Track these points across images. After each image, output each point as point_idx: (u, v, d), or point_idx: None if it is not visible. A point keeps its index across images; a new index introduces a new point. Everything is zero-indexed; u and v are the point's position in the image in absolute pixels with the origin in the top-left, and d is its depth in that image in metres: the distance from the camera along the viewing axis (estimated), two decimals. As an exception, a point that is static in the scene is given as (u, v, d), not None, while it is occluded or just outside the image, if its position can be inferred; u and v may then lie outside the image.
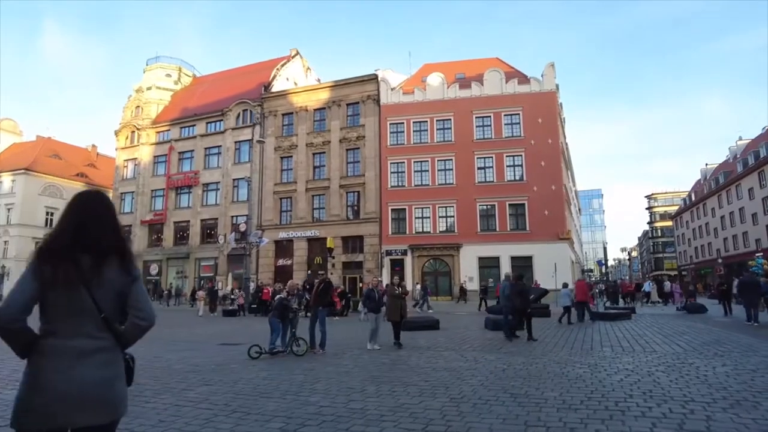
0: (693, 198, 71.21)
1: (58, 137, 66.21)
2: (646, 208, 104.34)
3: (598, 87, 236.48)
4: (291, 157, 38.71)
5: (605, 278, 42.52)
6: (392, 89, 36.75)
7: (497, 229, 33.39)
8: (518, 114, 34.58)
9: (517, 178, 33.81)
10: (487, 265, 33.35)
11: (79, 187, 56.09)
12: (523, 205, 33.37)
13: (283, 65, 44.99)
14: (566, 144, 45.45)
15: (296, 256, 36.86)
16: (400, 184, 35.41)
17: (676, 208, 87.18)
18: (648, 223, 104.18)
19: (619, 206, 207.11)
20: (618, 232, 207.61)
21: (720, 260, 54.81)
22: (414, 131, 35.85)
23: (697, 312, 19.22)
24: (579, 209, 79.33)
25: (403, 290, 9.67)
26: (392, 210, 35.15)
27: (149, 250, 43.75)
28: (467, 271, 33.27)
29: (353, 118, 37.56)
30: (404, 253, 34.34)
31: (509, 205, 33.54)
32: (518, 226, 33.32)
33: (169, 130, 45.36)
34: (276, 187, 38.63)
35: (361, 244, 35.50)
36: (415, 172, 35.32)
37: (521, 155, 33.94)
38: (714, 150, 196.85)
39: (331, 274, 34.22)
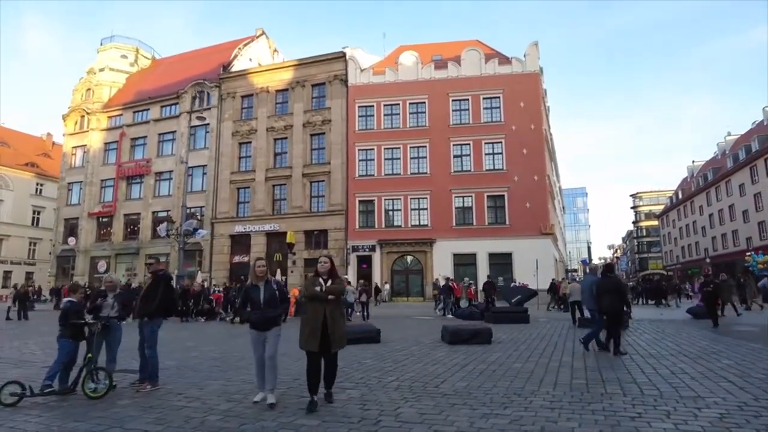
0: (680, 196, 69.12)
1: (11, 124, 61.78)
2: (631, 207, 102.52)
3: (581, 88, 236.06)
4: (250, 143, 35.20)
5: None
6: (362, 70, 33.44)
7: (474, 223, 30.32)
8: (498, 97, 31.55)
9: (497, 167, 30.78)
10: (463, 262, 30.27)
11: (28, 177, 52.06)
12: (503, 196, 30.34)
13: (246, 45, 41.43)
14: (550, 134, 42.60)
15: (254, 252, 33.32)
16: (368, 173, 32.13)
17: (661, 207, 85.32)
18: (633, 222, 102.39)
19: (604, 206, 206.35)
20: (602, 232, 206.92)
21: (708, 260, 52.50)
22: (385, 115, 32.59)
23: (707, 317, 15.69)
24: (563, 207, 76.92)
25: (334, 289, 4.79)
26: (360, 201, 31.86)
27: (97, 245, 39.88)
28: (441, 268, 29.96)
29: (319, 100, 34.19)
30: (372, 249, 31.09)
31: (488, 196, 30.50)
32: (497, 220, 30.29)
33: (121, 114, 41.52)
34: (233, 176, 35.09)
35: (325, 239, 32.15)
36: (385, 159, 32.07)
37: (501, 142, 30.92)
38: (696, 153, 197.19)
39: (291, 272, 30.97)
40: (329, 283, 4.89)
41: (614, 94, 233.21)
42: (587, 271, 9.81)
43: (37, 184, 52.98)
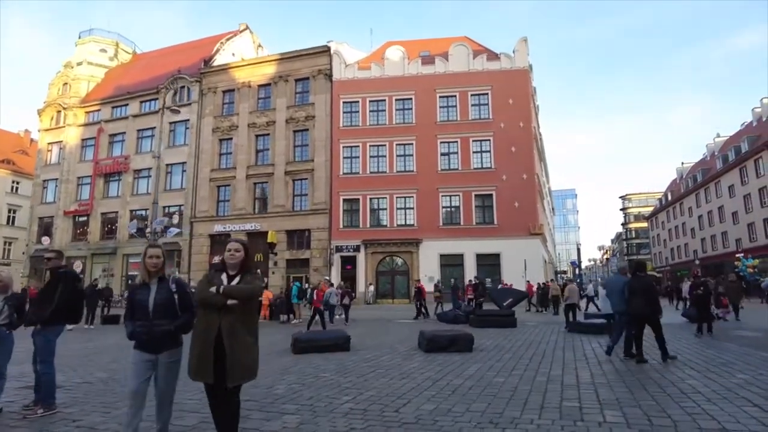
0: (669, 198, 68.83)
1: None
2: (621, 209, 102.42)
3: (569, 91, 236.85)
4: (231, 139, 34.01)
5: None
6: (346, 65, 32.41)
7: (462, 223, 29.41)
8: (487, 94, 30.70)
9: (485, 165, 29.90)
10: (450, 263, 29.34)
11: (3, 175, 50.34)
12: (491, 195, 29.47)
13: (228, 39, 40.21)
14: (540, 133, 41.87)
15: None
16: (353, 170, 31.10)
17: (650, 209, 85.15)
18: (622, 224, 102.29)
19: (594, 208, 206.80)
20: (591, 233, 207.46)
21: (697, 261, 52.11)
22: (370, 111, 31.59)
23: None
24: (552, 208, 76.42)
25: (238, 291, 3.26)
26: (344, 200, 30.82)
27: (73, 245, 38.36)
28: (427, 269, 29.15)
29: (302, 95, 33.11)
30: (356, 249, 30.05)
31: (475, 195, 29.62)
32: (485, 220, 29.40)
33: (99, 110, 40.15)
34: (213, 174, 33.88)
35: (308, 239, 31.05)
36: (370, 157, 31.06)
37: (489, 140, 30.05)
38: (685, 155, 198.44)
39: (273, 273, 29.85)
40: (236, 281, 3.35)
41: (603, 96, 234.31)
42: (615, 271, 8.57)
43: (13, 182, 51.28)
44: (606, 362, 7.52)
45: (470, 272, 27.35)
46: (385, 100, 31.37)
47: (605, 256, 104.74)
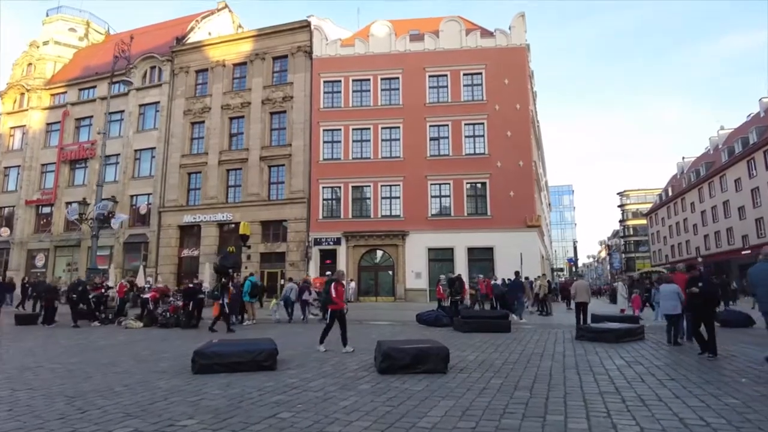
0: (670, 193, 66.51)
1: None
2: (618, 206, 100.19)
3: (566, 86, 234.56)
4: (203, 122, 31.31)
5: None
6: (328, 41, 29.73)
7: (452, 214, 26.88)
8: (480, 73, 28.13)
9: (478, 151, 27.37)
10: (439, 257, 26.83)
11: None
12: (485, 184, 26.96)
13: (204, 17, 37.43)
14: (537, 120, 39.33)
15: (204, 245, 29.50)
16: (334, 156, 28.48)
17: (649, 205, 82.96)
18: (620, 221, 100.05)
19: (590, 204, 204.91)
20: (587, 231, 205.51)
21: (700, 259, 49.78)
22: (353, 91, 28.95)
23: (740, 325, 12.04)
24: (549, 204, 73.99)
25: None
26: (324, 188, 28.23)
27: (35, 237, 35.60)
28: (414, 264, 26.68)
29: (280, 75, 30.43)
30: (337, 242, 27.47)
31: (467, 184, 27.11)
32: (478, 211, 26.89)
33: (65, 92, 37.32)
34: (183, 160, 31.18)
35: (284, 231, 28.43)
36: (353, 142, 28.44)
37: (483, 123, 27.50)
38: (684, 151, 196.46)
39: (245, 268, 27.22)
40: None
41: (600, 91, 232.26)
42: (760, 257, 5.90)
43: (-20, 171, 48.20)
44: (655, 402, 4.93)
45: (461, 267, 24.86)
46: (369, 80, 28.74)
47: (608, 253, 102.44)
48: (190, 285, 15.07)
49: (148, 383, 5.68)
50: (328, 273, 21.96)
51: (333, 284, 8.45)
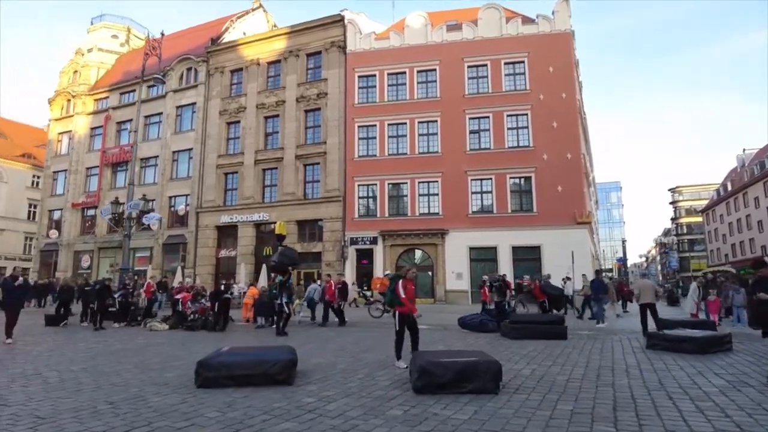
0: (729, 188, 62.14)
1: (13, 115, 59.58)
2: (670, 203, 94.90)
3: (610, 75, 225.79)
4: (239, 122, 31.05)
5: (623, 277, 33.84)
6: (362, 35, 28.84)
7: (495, 211, 25.39)
8: (522, 61, 26.54)
9: (522, 143, 25.78)
10: (482, 257, 25.40)
11: (22, 168, 49.27)
12: (530, 178, 25.34)
13: (239, 18, 37.34)
14: (584, 111, 37.15)
15: (241, 245, 29.16)
16: (369, 153, 27.53)
17: (704, 202, 78.01)
18: (672, 219, 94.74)
19: (638, 202, 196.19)
20: (636, 230, 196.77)
21: (767, 258, 45.97)
22: (389, 86, 27.92)
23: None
24: (596, 201, 70.68)
25: None
26: (359, 186, 27.30)
27: (81, 239, 36.40)
28: (454, 264, 25.35)
29: (314, 71, 29.77)
30: (373, 241, 26.48)
31: (511, 179, 25.56)
32: (522, 207, 25.30)
33: (107, 97, 38.06)
34: (220, 160, 30.99)
35: (320, 231, 27.71)
36: (389, 137, 27.40)
37: (526, 114, 25.91)
38: (746, 143, 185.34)
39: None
40: None
41: (646, 84, 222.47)
42: None
43: (34, 176, 50.11)
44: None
45: (505, 267, 23.37)
46: (405, 73, 27.64)
47: (652, 252, 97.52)
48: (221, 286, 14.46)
49: (140, 400, 4.80)
50: (387, 272, 20.95)
51: (400, 281, 6.89)
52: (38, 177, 50.17)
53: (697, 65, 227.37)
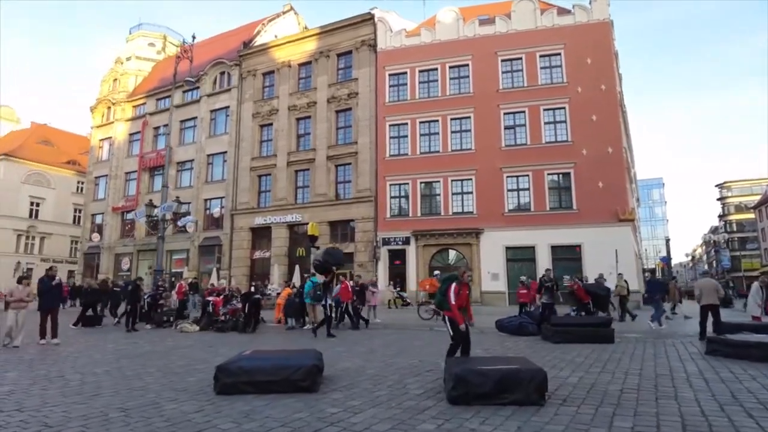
0: (784, 182, 58.61)
1: (59, 125, 62.20)
2: (718, 199, 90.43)
3: (652, 67, 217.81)
4: (271, 125, 31.19)
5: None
6: (393, 32, 28.45)
7: (532, 209, 24.51)
8: (559, 54, 25.56)
9: (560, 138, 24.81)
10: (518, 257, 24.56)
11: (67, 175, 51.23)
12: (568, 174, 24.34)
13: (271, 21, 37.61)
14: (624, 105, 35.63)
15: (275, 246, 29.22)
16: (401, 152, 27.09)
17: (756, 198, 73.94)
18: (720, 216, 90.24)
19: (681, 199, 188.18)
20: (680, 228, 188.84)
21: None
22: (420, 83, 27.41)
23: None
24: (637, 198, 68.02)
25: None
26: (391, 186, 26.89)
27: (121, 242, 37.41)
28: (490, 264, 24.56)
29: (345, 71, 29.58)
30: (406, 241, 26.01)
31: (548, 175, 24.63)
32: (561, 204, 24.33)
33: (144, 103, 39.01)
34: (253, 162, 31.19)
35: (352, 231, 27.45)
36: (421, 135, 26.89)
37: (564, 108, 24.92)
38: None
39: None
40: None
41: (688, 76, 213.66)
42: None
43: (78, 182, 51.98)
44: None
45: (544, 267, 22.39)
46: (437, 69, 27.07)
47: (697, 251, 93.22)
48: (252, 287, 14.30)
49: (154, 407, 4.51)
50: (437, 273, 20.24)
51: (453, 284, 6.00)
52: (82, 183, 52.04)
53: (738, 55, 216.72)
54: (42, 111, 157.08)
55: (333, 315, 12.06)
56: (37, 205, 48.80)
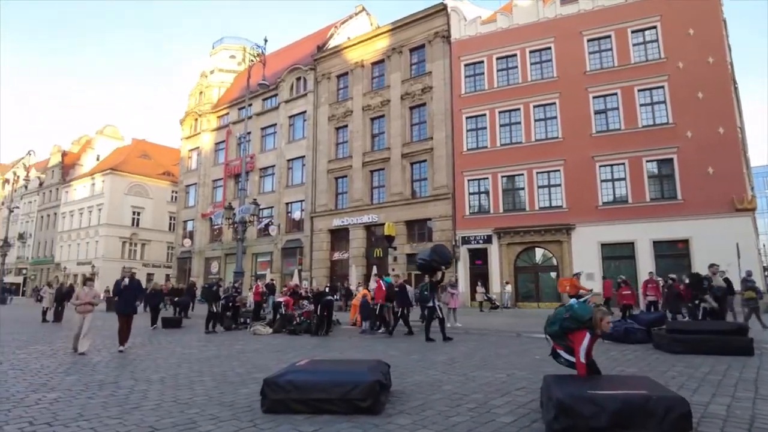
0: None
1: (155, 139, 67.09)
2: None
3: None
4: (346, 126, 31.05)
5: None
6: (467, 22, 27.11)
7: (630, 201, 22.09)
8: (654, 27, 22.89)
9: (658, 121, 22.16)
10: (616, 254, 22.28)
11: (163, 186, 54.97)
12: (671, 161, 21.66)
13: (343, 23, 37.61)
14: (736, 81, 31.46)
15: (353, 247, 28.96)
16: (479, 145, 25.66)
17: None
18: None
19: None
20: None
21: None
22: (498, 71, 25.82)
23: None
24: (752, 187, 60.46)
25: None
26: (469, 181, 25.55)
27: (210, 246, 39.17)
28: (583, 263, 22.33)
29: (418, 66, 28.68)
30: (487, 240, 24.53)
31: (648, 162, 22.09)
32: (663, 194, 21.70)
33: (227, 113, 40.69)
34: (330, 165, 31.22)
35: (429, 231, 26.43)
36: (501, 126, 25.30)
37: (663, 86, 22.24)
38: None
39: (393, 270, 25.77)
40: None
41: None
42: None
43: (172, 191, 55.56)
44: None
45: (646, 265, 20.12)
46: (516, 55, 25.34)
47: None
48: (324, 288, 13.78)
49: (188, 428, 3.82)
50: (578, 272, 18.25)
51: (587, 337, 4.51)
52: (175, 192, 55.64)
53: None
54: (142, 128, 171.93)
55: (442, 316, 11.12)
56: (138, 214, 52.80)
